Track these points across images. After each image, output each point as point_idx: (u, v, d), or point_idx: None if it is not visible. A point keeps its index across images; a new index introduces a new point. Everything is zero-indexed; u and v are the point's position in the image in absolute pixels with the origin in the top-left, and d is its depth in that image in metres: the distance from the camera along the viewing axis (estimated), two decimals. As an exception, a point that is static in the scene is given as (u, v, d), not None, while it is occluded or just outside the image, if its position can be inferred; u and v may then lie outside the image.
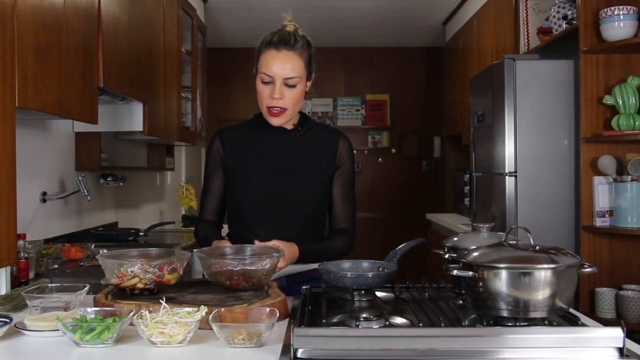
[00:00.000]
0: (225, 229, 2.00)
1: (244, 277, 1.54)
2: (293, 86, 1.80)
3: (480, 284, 1.25)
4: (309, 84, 1.89)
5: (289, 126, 1.91)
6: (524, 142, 3.18)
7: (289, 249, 1.71)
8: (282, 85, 1.79)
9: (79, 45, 2.19)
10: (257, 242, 1.69)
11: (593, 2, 2.93)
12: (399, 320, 1.37)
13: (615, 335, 1.15)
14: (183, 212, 5.01)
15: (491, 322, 1.26)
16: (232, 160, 1.91)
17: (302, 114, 1.94)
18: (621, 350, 1.15)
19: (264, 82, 1.81)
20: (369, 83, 6.80)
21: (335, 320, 1.35)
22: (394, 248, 1.62)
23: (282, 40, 1.80)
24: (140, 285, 1.51)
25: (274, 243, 1.68)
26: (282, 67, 1.78)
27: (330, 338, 1.17)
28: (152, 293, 1.52)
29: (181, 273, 1.58)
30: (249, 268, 1.53)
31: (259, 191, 1.85)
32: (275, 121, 1.84)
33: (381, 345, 1.16)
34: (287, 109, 1.81)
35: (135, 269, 1.50)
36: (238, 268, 1.53)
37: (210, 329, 1.30)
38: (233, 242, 1.80)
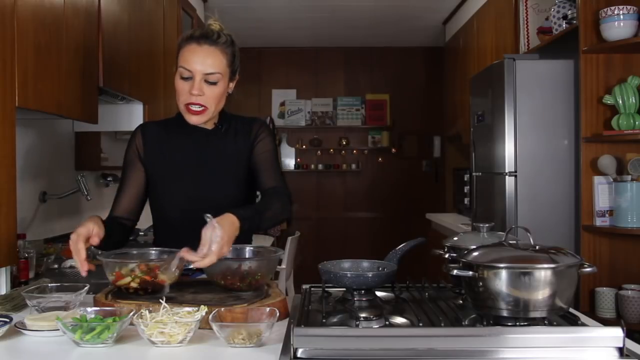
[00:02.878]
0: (147, 234, 1.89)
1: (238, 277, 1.54)
2: (214, 83, 1.72)
3: (480, 283, 1.25)
4: (231, 85, 1.81)
5: (210, 126, 1.82)
6: (524, 142, 3.18)
7: (228, 228, 1.49)
8: (202, 81, 1.70)
9: (79, 45, 2.19)
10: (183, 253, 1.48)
11: (593, 2, 2.93)
12: (399, 320, 1.37)
13: (615, 335, 1.15)
14: (183, 212, 4.99)
15: (491, 322, 1.26)
16: (152, 161, 1.81)
17: (221, 112, 1.86)
18: (621, 350, 1.15)
19: (182, 78, 1.72)
20: (369, 83, 6.80)
21: (335, 320, 1.35)
22: (394, 248, 1.62)
23: (204, 35, 1.73)
24: (133, 285, 1.51)
25: (212, 226, 1.47)
26: (202, 62, 1.70)
27: (330, 338, 1.17)
28: (147, 293, 1.52)
29: (177, 274, 1.58)
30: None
31: (183, 198, 1.78)
32: (193, 119, 1.73)
33: (381, 345, 1.16)
34: (207, 107, 1.73)
35: (127, 268, 1.51)
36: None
37: (210, 328, 1.30)
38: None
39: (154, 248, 1.70)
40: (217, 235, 1.45)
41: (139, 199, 1.86)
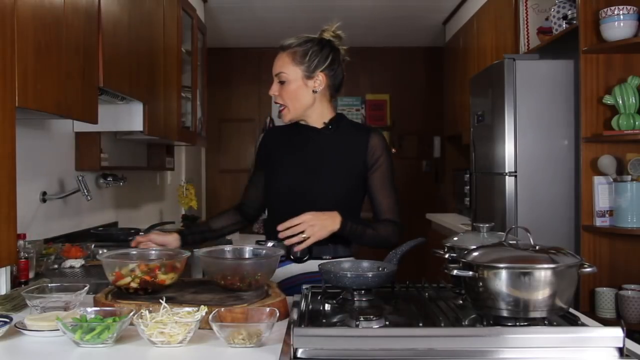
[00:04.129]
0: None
1: (238, 277, 1.54)
2: (283, 82, 1.91)
3: (480, 283, 1.25)
4: (311, 82, 1.91)
5: (319, 125, 1.95)
6: (524, 142, 3.18)
7: (321, 215, 1.76)
8: (277, 82, 1.92)
9: (79, 45, 2.19)
10: (280, 228, 1.74)
11: (593, 2, 2.93)
12: (399, 320, 1.36)
13: (615, 335, 1.15)
14: (183, 212, 5.01)
15: (491, 322, 1.26)
16: (270, 158, 2.01)
17: (338, 114, 1.99)
18: (621, 350, 1.15)
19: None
20: (369, 83, 6.80)
21: (335, 320, 1.35)
22: (394, 248, 1.62)
23: (282, 44, 1.95)
24: (133, 285, 1.51)
25: (302, 217, 1.74)
26: (274, 65, 1.94)
27: (330, 338, 1.17)
28: (147, 293, 1.52)
29: (178, 274, 1.58)
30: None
31: (284, 188, 1.92)
32: (282, 118, 1.94)
33: (381, 345, 1.16)
34: (285, 106, 1.92)
35: (127, 268, 1.51)
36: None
37: (210, 329, 1.30)
38: (268, 236, 1.96)
39: (154, 248, 1.70)
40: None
41: (260, 194, 2.06)
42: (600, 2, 2.92)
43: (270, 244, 1.80)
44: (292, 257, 1.85)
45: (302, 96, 1.91)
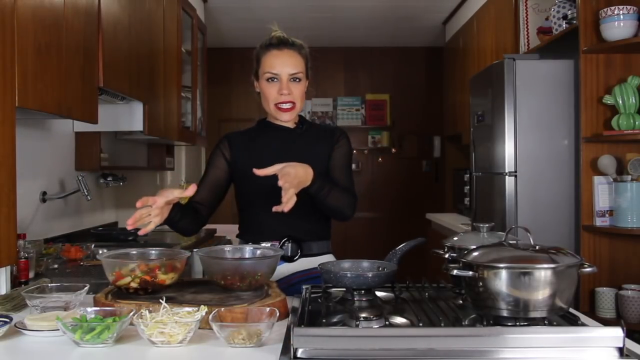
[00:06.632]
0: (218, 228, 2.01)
1: (238, 277, 1.54)
2: (298, 81, 1.90)
3: (480, 283, 1.25)
4: (307, 83, 1.96)
5: (292, 125, 1.97)
6: (524, 142, 3.18)
7: (300, 167, 1.69)
8: (288, 81, 1.88)
9: (79, 45, 2.19)
10: (256, 171, 1.66)
11: (593, 2, 2.93)
12: (399, 320, 1.36)
13: (615, 335, 1.15)
14: (183, 212, 5.00)
15: (491, 322, 1.26)
16: (241, 162, 1.95)
17: (298, 115, 2.01)
18: (621, 350, 1.15)
19: (269, 81, 1.90)
20: (369, 83, 6.80)
21: (335, 320, 1.35)
22: (394, 248, 1.62)
23: (281, 41, 1.91)
24: (133, 285, 1.51)
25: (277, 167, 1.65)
26: (286, 63, 1.88)
27: (330, 338, 1.17)
28: (147, 293, 1.52)
29: (178, 274, 1.58)
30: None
31: (269, 188, 1.84)
32: (285, 117, 1.91)
33: (381, 345, 1.16)
34: (295, 103, 1.90)
35: (127, 268, 1.51)
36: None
37: (210, 329, 1.30)
38: (246, 237, 1.92)
39: (154, 248, 1.70)
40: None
41: (215, 192, 1.98)
42: (600, 2, 2.92)
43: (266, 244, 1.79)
44: (283, 256, 1.86)
45: (304, 96, 1.94)
